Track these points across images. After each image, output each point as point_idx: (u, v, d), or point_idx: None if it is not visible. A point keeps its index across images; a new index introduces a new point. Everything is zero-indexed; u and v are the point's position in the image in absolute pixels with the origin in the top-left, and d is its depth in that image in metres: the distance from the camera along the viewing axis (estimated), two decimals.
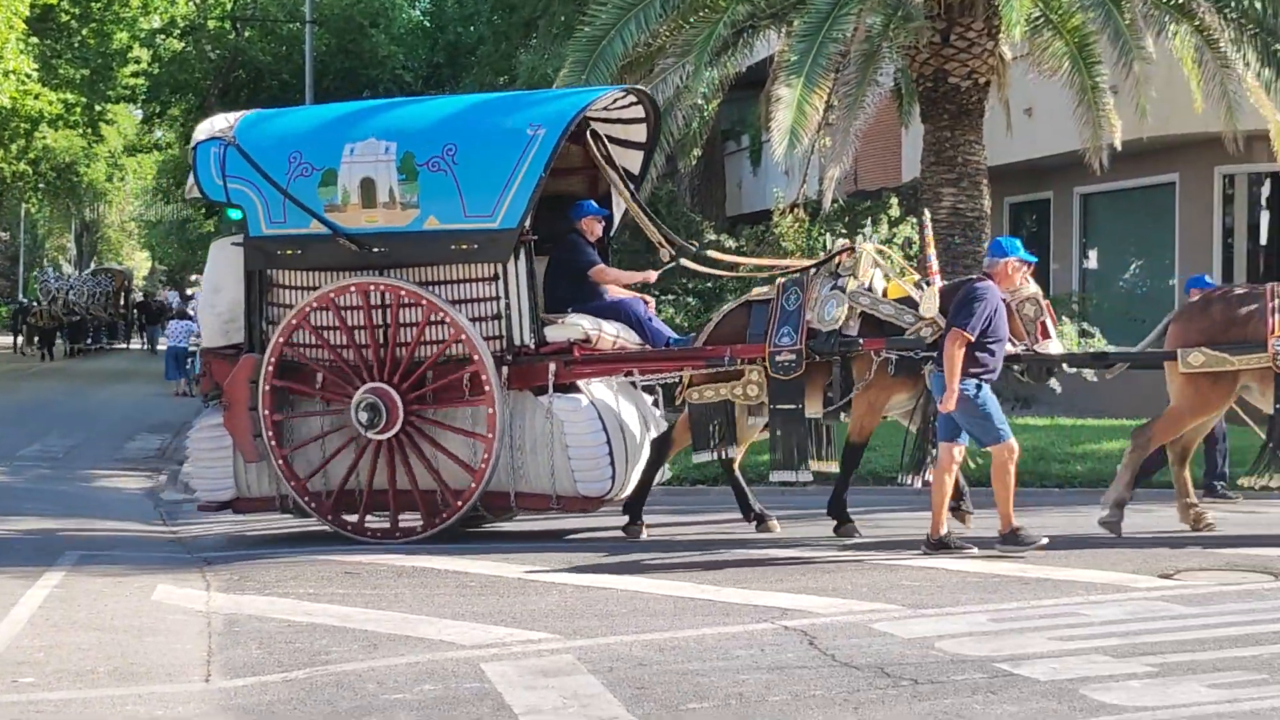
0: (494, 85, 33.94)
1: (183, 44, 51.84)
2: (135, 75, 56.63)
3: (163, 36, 53.56)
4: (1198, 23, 20.18)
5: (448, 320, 13.79)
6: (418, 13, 42.47)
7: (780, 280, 14.75)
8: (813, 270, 14.53)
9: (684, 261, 16.14)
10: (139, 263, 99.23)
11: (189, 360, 40.31)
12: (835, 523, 14.23)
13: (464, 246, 14.05)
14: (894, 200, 25.60)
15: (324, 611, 10.36)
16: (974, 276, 13.56)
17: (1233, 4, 20.03)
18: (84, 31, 53.71)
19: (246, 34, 49.64)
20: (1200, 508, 14.20)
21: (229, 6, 53.11)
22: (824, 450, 14.32)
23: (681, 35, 20.65)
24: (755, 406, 14.18)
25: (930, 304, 13.64)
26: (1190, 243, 26.28)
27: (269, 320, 14.34)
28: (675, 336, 15.44)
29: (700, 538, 14.64)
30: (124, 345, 71.56)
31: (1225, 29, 20.17)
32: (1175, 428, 14.11)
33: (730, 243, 26.97)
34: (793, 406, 13.85)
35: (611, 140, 15.46)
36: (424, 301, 13.81)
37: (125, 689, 8.26)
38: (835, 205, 25.10)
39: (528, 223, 13.87)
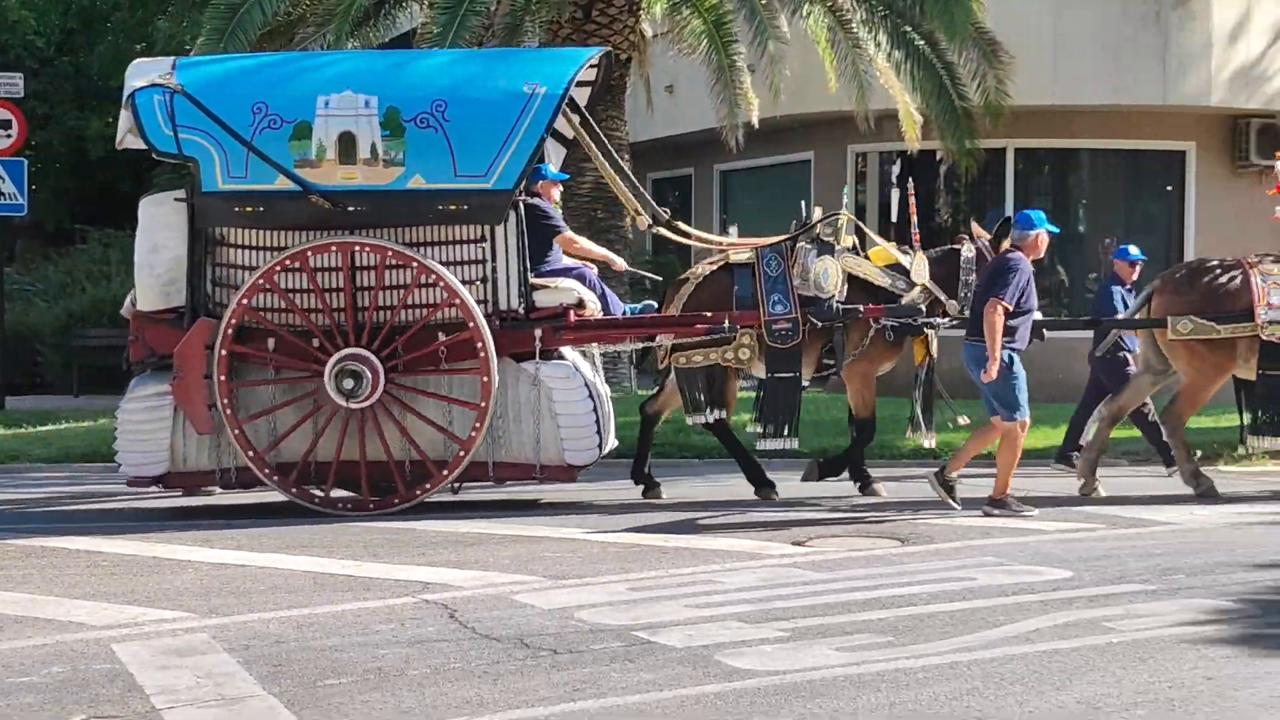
0: (130, 53, 32.85)
1: None
2: None
3: None
4: (831, 3, 20.72)
5: (440, 284, 13.39)
6: None
7: (758, 246, 14.77)
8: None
9: (658, 229, 15.82)
10: None
11: None
12: (860, 485, 14.68)
13: (454, 207, 13.67)
14: None
15: None
16: (1006, 249, 13.77)
17: None
18: None
19: None
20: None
21: None
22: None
23: (322, 4, 20.42)
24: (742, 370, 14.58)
25: (921, 269, 14.14)
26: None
27: (216, 282, 13.65)
28: (629, 306, 15.41)
29: (344, 511, 14.39)
30: None
31: (857, 10, 20.78)
32: (1198, 397, 14.84)
33: None
34: (791, 375, 14.12)
35: None
36: (413, 263, 13.38)
37: None
38: None
39: (522, 184, 13.62)
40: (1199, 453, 15.57)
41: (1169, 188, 24.60)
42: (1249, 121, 23.75)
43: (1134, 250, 16.30)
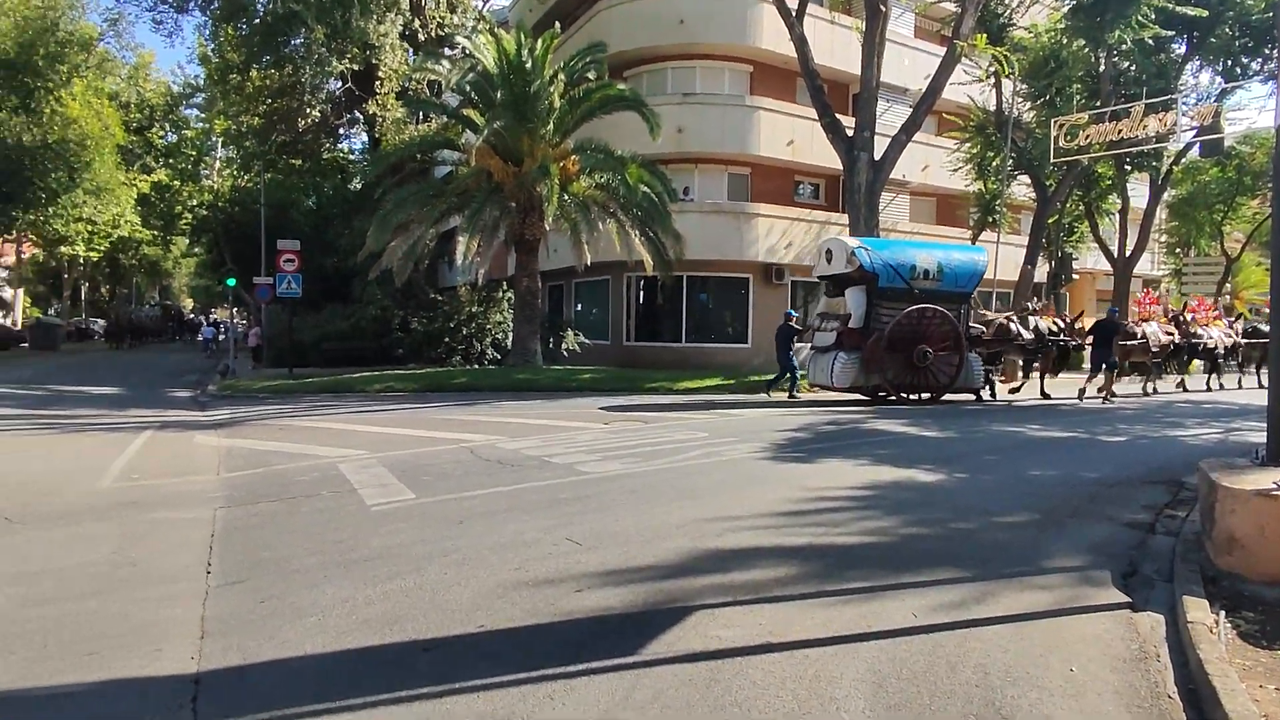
0: (340, 233, 30.03)
1: None
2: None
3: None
4: (618, 219, 20.34)
5: (950, 322, 14.14)
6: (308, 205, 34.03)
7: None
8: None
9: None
10: (186, 302, 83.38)
11: (209, 343, 36.25)
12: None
13: (957, 295, 14.45)
14: (504, 285, 25.10)
15: (277, 445, 9.54)
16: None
17: (632, 211, 20.09)
18: None
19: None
20: None
21: None
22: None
23: (420, 214, 19.77)
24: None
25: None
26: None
27: (875, 320, 14.05)
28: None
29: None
30: (170, 340, 59.17)
31: (627, 220, 20.23)
32: None
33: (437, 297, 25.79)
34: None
35: None
36: (947, 315, 14.11)
37: (184, 478, 7.61)
38: (482, 284, 24.55)
39: (974, 291, 14.85)
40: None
41: (743, 292, 23.92)
42: (774, 266, 23.58)
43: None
